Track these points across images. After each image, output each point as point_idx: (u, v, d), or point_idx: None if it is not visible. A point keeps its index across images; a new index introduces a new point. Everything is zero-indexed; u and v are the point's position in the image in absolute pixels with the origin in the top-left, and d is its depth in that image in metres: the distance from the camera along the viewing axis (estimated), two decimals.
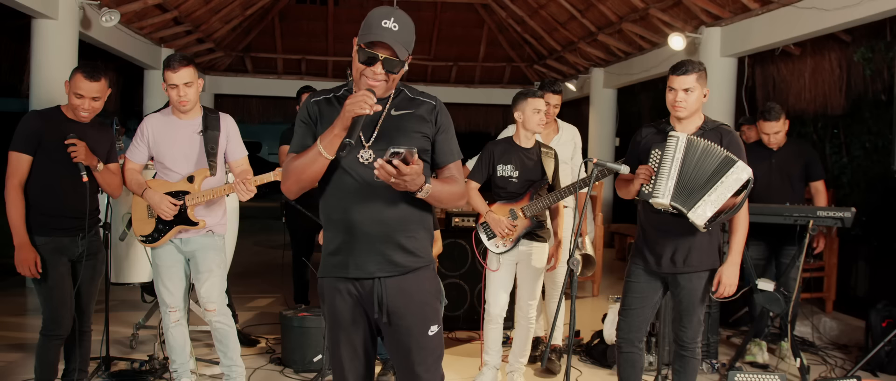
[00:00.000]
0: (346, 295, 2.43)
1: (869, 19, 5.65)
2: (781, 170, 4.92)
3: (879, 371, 4.76)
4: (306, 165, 2.33)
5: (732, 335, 5.68)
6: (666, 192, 3.21)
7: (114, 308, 4.91)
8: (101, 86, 3.47)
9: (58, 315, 3.50)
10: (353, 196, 2.37)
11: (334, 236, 2.44)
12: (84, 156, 3.42)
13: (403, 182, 2.19)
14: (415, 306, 2.44)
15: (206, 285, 3.74)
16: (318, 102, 2.46)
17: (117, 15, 7.05)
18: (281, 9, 12.17)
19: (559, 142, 4.70)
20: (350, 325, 2.45)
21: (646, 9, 7.99)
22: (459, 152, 2.54)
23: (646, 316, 3.46)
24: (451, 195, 2.45)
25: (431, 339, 2.48)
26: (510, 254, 4.03)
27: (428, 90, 2.55)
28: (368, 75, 2.32)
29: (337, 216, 2.41)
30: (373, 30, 2.28)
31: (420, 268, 2.46)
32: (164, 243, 3.71)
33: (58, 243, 3.49)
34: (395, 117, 2.39)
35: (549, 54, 11.75)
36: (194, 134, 3.69)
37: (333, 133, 2.27)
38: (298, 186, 2.38)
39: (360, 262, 2.39)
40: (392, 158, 2.13)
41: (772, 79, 8.22)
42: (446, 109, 2.53)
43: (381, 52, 2.29)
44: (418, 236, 2.45)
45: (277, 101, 13.44)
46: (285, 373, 4.49)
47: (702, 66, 3.32)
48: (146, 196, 3.64)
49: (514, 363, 4.24)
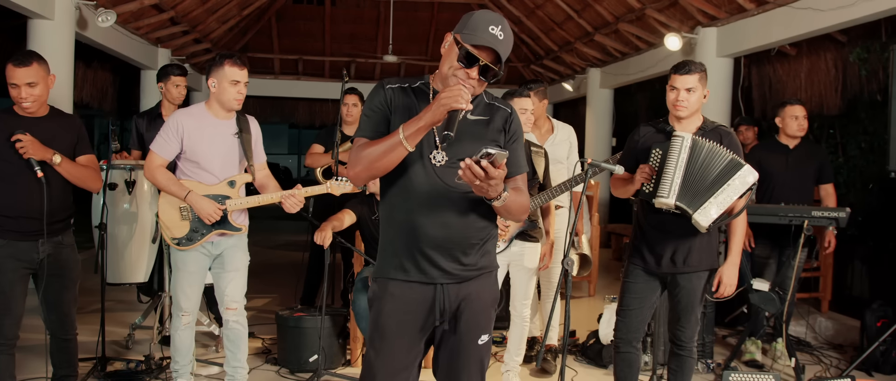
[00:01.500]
0: (400, 303, 2.34)
1: (864, 20, 5.66)
2: (797, 168, 4.92)
3: (874, 371, 4.78)
4: (383, 154, 2.21)
5: (728, 335, 5.69)
6: (671, 192, 3.21)
7: (110, 309, 4.90)
8: (33, 70, 3.28)
9: (0, 324, 3.33)
10: (419, 198, 2.29)
11: (395, 237, 2.35)
12: (33, 150, 3.25)
13: (487, 185, 2.08)
14: (470, 313, 2.38)
15: (231, 284, 3.72)
16: (394, 90, 2.35)
17: (113, 15, 7.03)
18: (278, 9, 12.17)
19: (555, 142, 4.71)
20: (400, 336, 2.35)
21: (642, 9, 8.00)
22: (526, 165, 2.48)
23: (644, 317, 3.47)
24: (521, 207, 2.36)
25: (480, 348, 2.42)
26: (502, 255, 4.03)
27: None
28: (461, 76, 2.24)
29: (400, 217, 2.33)
30: (479, 33, 2.22)
31: (481, 275, 2.40)
32: (197, 247, 3.64)
33: (13, 249, 3.32)
34: (470, 122, 2.32)
35: (545, 54, 11.76)
36: (231, 135, 3.64)
37: (419, 125, 2.17)
38: (369, 173, 2.27)
39: (423, 266, 2.31)
40: (482, 159, 2.04)
41: (768, 79, 8.24)
42: (520, 118, 2.47)
43: (483, 56, 2.23)
44: (482, 243, 2.38)
45: (274, 101, 13.45)
46: (281, 373, 4.49)
47: (703, 66, 3.34)
48: (190, 200, 3.53)
49: (509, 362, 4.24)
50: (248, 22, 11.82)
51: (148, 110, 5.08)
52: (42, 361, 3.71)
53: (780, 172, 4.88)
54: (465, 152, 2.16)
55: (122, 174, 4.47)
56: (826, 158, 5.15)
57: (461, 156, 2.12)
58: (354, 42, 12.59)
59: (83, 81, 9.84)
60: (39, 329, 4.03)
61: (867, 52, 6.81)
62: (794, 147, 4.93)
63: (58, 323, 3.53)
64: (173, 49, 9.99)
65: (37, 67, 3.30)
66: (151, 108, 5.09)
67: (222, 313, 3.82)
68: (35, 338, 4.20)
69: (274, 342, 4.89)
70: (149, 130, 4.90)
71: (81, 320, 3.68)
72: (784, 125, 4.92)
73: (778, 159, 4.90)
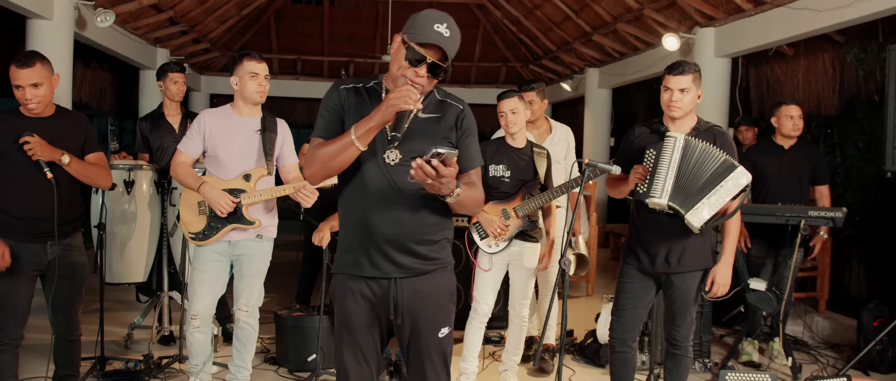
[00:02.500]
0: (359, 297, 2.42)
1: (861, 20, 5.67)
2: (792, 169, 4.93)
3: (871, 370, 4.79)
4: (337, 153, 2.28)
5: (725, 335, 5.71)
6: (663, 192, 3.23)
7: (108, 309, 4.91)
8: (36, 71, 3.25)
9: (3, 324, 3.32)
10: (373, 195, 2.35)
11: (351, 234, 2.42)
12: (42, 151, 3.23)
13: (438, 184, 2.15)
14: (428, 308, 2.44)
15: (246, 289, 3.74)
16: (347, 90, 2.42)
17: (112, 15, 7.04)
18: (276, 9, 12.17)
19: (552, 142, 4.72)
20: (360, 328, 2.44)
21: (640, 9, 8.02)
22: (481, 159, 2.53)
23: (639, 316, 3.48)
24: (475, 201, 2.43)
25: (441, 340, 2.48)
26: (502, 254, 4.05)
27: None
28: (410, 75, 2.29)
29: (355, 214, 2.40)
30: (425, 31, 2.26)
31: (436, 270, 2.45)
32: (212, 243, 3.64)
33: (22, 250, 3.31)
34: (422, 120, 2.36)
35: (544, 54, 11.77)
36: (253, 132, 3.66)
37: (370, 125, 2.22)
38: (324, 172, 2.34)
39: (377, 262, 2.38)
40: (432, 159, 2.09)
41: (765, 79, 8.25)
42: (472, 113, 2.51)
43: (429, 54, 2.27)
44: (436, 238, 2.44)
45: (273, 101, 13.42)
46: (280, 373, 4.50)
47: (697, 67, 3.35)
48: (203, 190, 3.54)
49: (508, 362, 4.26)
50: (247, 22, 11.83)
51: (150, 113, 5.09)
52: (42, 360, 3.72)
53: (775, 172, 4.90)
54: (418, 150, 2.23)
55: (121, 174, 4.48)
56: (822, 159, 5.16)
57: (414, 154, 2.20)
58: (353, 42, 12.60)
59: (82, 81, 9.84)
60: (39, 329, 4.05)
61: (864, 53, 6.82)
62: (789, 148, 4.95)
63: (64, 324, 3.53)
64: (172, 49, 9.99)
65: (40, 67, 3.27)
66: (153, 110, 5.09)
67: (235, 312, 3.82)
68: (35, 338, 4.20)
69: (273, 342, 4.90)
70: (152, 132, 4.91)
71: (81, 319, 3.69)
72: (779, 125, 4.93)
73: (773, 160, 4.92)
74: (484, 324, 4.13)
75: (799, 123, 4.90)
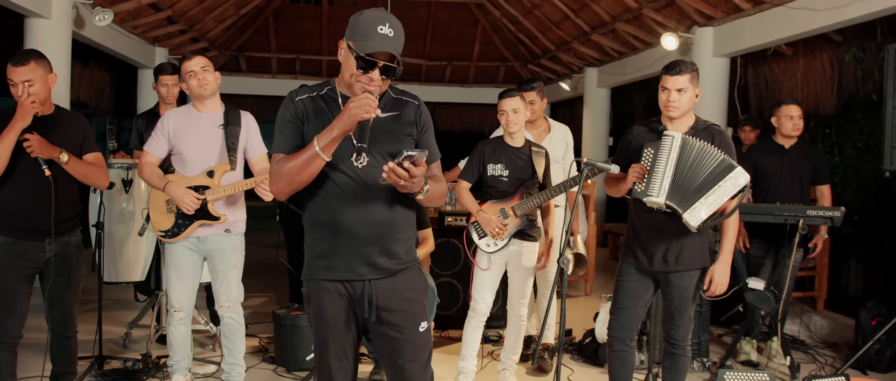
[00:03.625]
0: (335, 295, 2.43)
1: (860, 20, 5.67)
2: (792, 168, 4.93)
3: (869, 369, 4.80)
4: (302, 168, 2.29)
5: (723, 334, 5.71)
6: (660, 191, 3.23)
7: (107, 308, 4.90)
8: (30, 68, 3.27)
9: (2, 322, 3.34)
10: (343, 198, 2.37)
11: (321, 239, 2.43)
12: (41, 149, 3.25)
13: (411, 184, 2.21)
14: (405, 304, 2.47)
15: (223, 284, 3.77)
16: (304, 101, 2.41)
17: (111, 14, 7.04)
18: (275, 8, 12.15)
19: (550, 141, 4.71)
20: (340, 327, 2.45)
21: (639, 9, 8.02)
22: (438, 151, 2.58)
23: (637, 315, 3.48)
24: (440, 193, 2.49)
25: (422, 335, 2.51)
26: (500, 253, 4.05)
27: (422, 90, 2.57)
28: (364, 81, 2.31)
29: (325, 219, 2.40)
30: (369, 37, 2.27)
31: (408, 268, 2.49)
32: (182, 240, 3.70)
33: (20, 248, 3.34)
34: (382, 120, 2.38)
35: (543, 54, 11.77)
36: (215, 127, 3.71)
37: (332, 135, 2.24)
38: (291, 187, 2.34)
39: (351, 264, 2.40)
40: (404, 161, 2.15)
41: (764, 79, 8.26)
42: (426, 107, 2.56)
43: (379, 58, 2.28)
44: (406, 236, 2.48)
45: (272, 100, 13.42)
46: (278, 372, 4.50)
47: (694, 66, 3.35)
48: (168, 190, 3.61)
49: (506, 361, 4.25)
50: (246, 21, 11.81)
51: (147, 111, 5.10)
52: (40, 358, 3.72)
53: (775, 172, 4.90)
54: (383, 149, 2.35)
55: (119, 173, 4.48)
56: (822, 158, 5.16)
57: (380, 153, 2.33)
58: None
59: (80, 80, 9.84)
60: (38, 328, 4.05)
61: (863, 52, 6.83)
62: (789, 147, 4.94)
63: (60, 320, 3.56)
64: (170, 48, 9.98)
65: (34, 65, 3.29)
66: (151, 108, 5.10)
67: (218, 311, 3.84)
68: (34, 337, 4.20)
69: (271, 341, 4.90)
70: (148, 130, 4.90)
71: (79, 318, 3.69)
72: (779, 125, 4.93)
73: (773, 160, 4.92)
74: (482, 323, 4.13)
75: (799, 122, 4.91)
